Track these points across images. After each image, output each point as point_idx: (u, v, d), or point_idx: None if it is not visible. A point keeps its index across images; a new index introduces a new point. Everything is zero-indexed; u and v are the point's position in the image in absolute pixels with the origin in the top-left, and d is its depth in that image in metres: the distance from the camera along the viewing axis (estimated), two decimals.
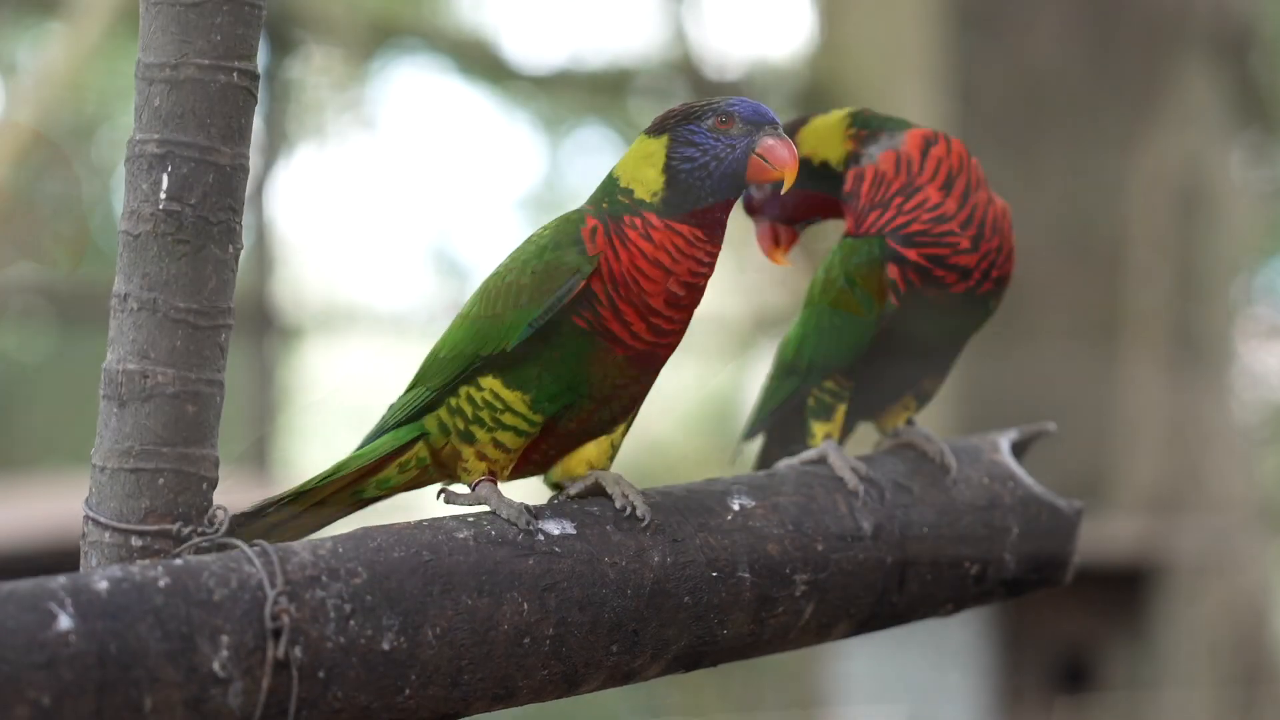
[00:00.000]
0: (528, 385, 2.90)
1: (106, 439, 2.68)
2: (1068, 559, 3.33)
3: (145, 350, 2.66)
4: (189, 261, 2.67)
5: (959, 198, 3.20)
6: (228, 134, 2.69)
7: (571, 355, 2.88)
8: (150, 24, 2.68)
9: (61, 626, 2.36)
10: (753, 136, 2.89)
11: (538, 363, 2.89)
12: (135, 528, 2.65)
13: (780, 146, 2.90)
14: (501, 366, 2.91)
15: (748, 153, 2.89)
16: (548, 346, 2.88)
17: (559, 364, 2.89)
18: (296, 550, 2.62)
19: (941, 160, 3.22)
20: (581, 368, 2.89)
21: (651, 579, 2.86)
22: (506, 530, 2.79)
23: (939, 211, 3.19)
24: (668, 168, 2.89)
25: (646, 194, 2.88)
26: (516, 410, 2.91)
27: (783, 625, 3.01)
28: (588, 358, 2.88)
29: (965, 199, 3.20)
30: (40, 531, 6.24)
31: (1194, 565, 9.31)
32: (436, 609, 2.66)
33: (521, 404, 2.91)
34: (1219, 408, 10.03)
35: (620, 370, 2.90)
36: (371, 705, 2.60)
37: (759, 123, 2.90)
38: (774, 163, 2.89)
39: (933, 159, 3.23)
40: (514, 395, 2.91)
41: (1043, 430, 3.42)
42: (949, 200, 3.19)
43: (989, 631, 8.67)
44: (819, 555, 3.04)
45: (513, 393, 2.91)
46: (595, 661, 2.82)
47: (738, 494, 3.03)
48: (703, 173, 2.88)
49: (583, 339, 2.87)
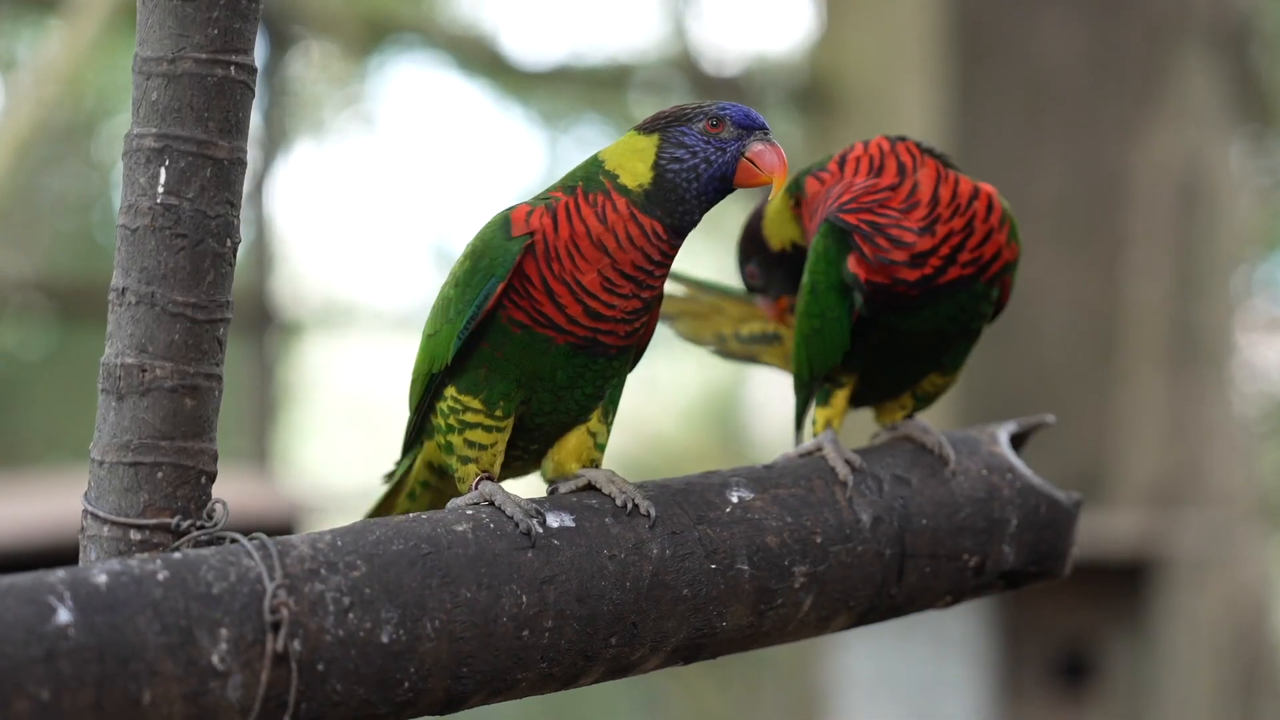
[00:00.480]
0: (478, 388, 2.94)
1: (105, 433, 2.68)
2: (1066, 551, 3.32)
3: (143, 344, 2.66)
4: (187, 255, 2.67)
5: (894, 175, 3.18)
6: (225, 128, 2.69)
7: (514, 353, 2.90)
8: (147, 18, 2.68)
9: (61, 620, 2.36)
10: (743, 141, 2.92)
11: (481, 366, 2.93)
12: (134, 521, 2.66)
13: (769, 152, 2.92)
14: (455, 376, 2.95)
15: (737, 157, 2.91)
16: (490, 348, 2.91)
17: (503, 363, 2.91)
18: (295, 544, 2.62)
19: (860, 158, 3.23)
20: (527, 362, 2.91)
21: (650, 571, 2.86)
22: (505, 523, 2.79)
23: (870, 184, 3.18)
24: (656, 166, 2.91)
25: (632, 183, 2.90)
26: (475, 409, 2.94)
27: (782, 617, 3.01)
28: (531, 352, 2.90)
29: (902, 174, 3.18)
30: (40, 528, 6.24)
31: (1194, 559, 9.31)
32: (435, 602, 2.66)
33: (479, 405, 2.94)
34: (1219, 401, 10.03)
35: (567, 359, 2.91)
36: (371, 698, 2.60)
37: (750, 127, 2.92)
38: (763, 168, 2.92)
39: (851, 160, 3.24)
40: (470, 400, 2.94)
41: (1042, 422, 3.42)
42: (881, 178, 3.19)
43: (989, 625, 8.67)
44: (818, 547, 3.04)
45: (467, 397, 2.94)
46: (594, 654, 2.82)
47: (736, 486, 3.03)
48: (691, 174, 2.90)
49: (523, 333, 2.89)
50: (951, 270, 3.18)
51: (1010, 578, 3.28)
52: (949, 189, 3.18)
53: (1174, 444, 9.78)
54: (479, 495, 2.89)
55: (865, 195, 3.18)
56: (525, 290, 2.87)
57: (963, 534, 3.21)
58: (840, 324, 3.23)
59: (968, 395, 8.29)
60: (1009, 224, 3.23)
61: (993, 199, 3.21)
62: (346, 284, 14.01)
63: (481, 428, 2.94)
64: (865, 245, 3.16)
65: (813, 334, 3.28)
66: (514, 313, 2.88)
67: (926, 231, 3.16)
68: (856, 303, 3.20)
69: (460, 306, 2.91)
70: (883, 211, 3.17)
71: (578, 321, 2.88)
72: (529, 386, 2.93)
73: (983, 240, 3.19)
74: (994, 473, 3.27)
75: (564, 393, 2.95)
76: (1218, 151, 10.15)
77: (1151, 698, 9.05)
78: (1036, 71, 9.92)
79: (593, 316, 2.88)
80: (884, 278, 3.17)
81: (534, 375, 2.92)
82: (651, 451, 13.34)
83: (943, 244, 3.16)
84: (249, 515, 5.90)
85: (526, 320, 2.88)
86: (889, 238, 3.16)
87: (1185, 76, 9.95)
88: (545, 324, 2.88)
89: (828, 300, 3.23)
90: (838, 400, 3.32)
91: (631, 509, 2.89)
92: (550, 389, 2.94)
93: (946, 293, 3.19)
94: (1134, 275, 9.80)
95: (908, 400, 3.40)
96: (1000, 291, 3.28)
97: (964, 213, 3.18)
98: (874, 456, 3.23)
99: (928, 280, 3.17)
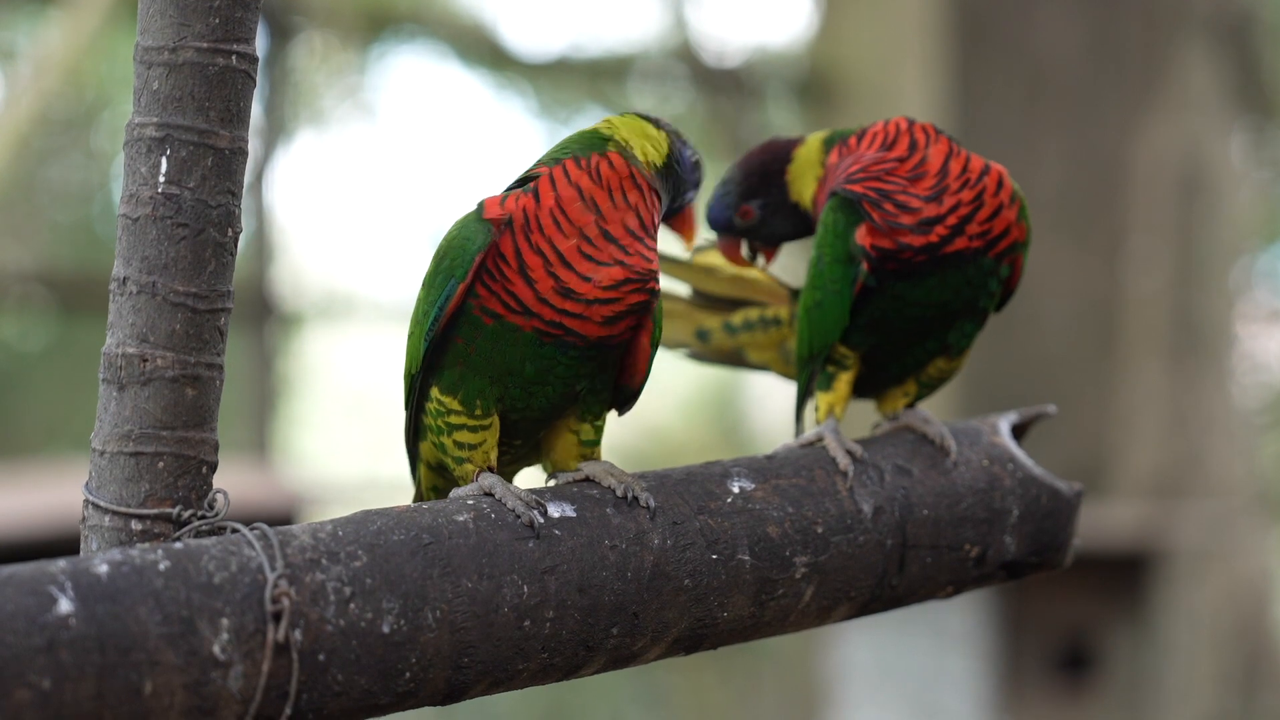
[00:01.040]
0: (455, 388, 2.94)
1: (106, 423, 2.68)
2: (1067, 541, 3.32)
3: (144, 334, 2.66)
4: (188, 245, 2.66)
5: (904, 149, 3.22)
6: (226, 117, 2.68)
7: (486, 346, 2.90)
8: (148, 7, 2.68)
9: (62, 610, 2.36)
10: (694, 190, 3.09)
11: (456, 364, 2.92)
12: (135, 511, 2.65)
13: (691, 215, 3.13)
14: (435, 376, 2.96)
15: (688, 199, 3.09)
16: (464, 343, 2.91)
17: (475, 359, 2.91)
18: (296, 533, 2.62)
19: (876, 134, 3.28)
20: (498, 355, 2.90)
21: (651, 562, 2.86)
22: (506, 513, 2.79)
23: (880, 156, 3.22)
24: (669, 157, 3.00)
25: (643, 158, 2.96)
26: (456, 410, 2.94)
27: (783, 608, 3.01)
28: (501, 344, 2.89)
29: (913, 149, 3.22)
30: (40, 518, 6.24)
31: (1194, 550, 9.31)
32: (437, 592, 2.66)
33: (458, 405, 2.94)
34: (1219, 393, 10.03)
35: (534, 350, 2.89)
36: (372, 688, 2.60)
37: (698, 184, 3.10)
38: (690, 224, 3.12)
39: (868, 135, 3.29)
40: (450, 400, 2.94)
41: (1043, 413, 3.41)
42: (892, 151, 3.23)
43: (990, 616, 8.68)
44: (819, 538, 3.04)
45: (448, 398, 2.94)
46: (595, 644, 2.82)
47: (737, 476, 3.03)
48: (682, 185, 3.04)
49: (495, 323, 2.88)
50: (959, 240, 3.20)
51: (1011, 568, 3.28)
52: (959, 163, 3.22)
53: (1174, 435, 9.79)
54: (479, 487, 2.89)
55: (874, 165, 3.21)
56: (499, 271, 2.86)
57: (964, 524, 3.21)
58: (841, 297, 3.23)
59: (968, 386, 8.28)
60: (1019, 203, 3.26)
61: (1003, 177, 3.25)
62: (347, 274, 14.01)
63: (466, 428, 2.94)
64: (874, 212, 3.18)
65: (814, 306, 3.28)
66: (487, 301, 2.87)
67: (933, 200, 3.19)
68: (860, 273, 3.20)
69: (426, 307, 2.92)
70: (889, 179, 3.20)
71: (547, 301, 2.85)
72: (501, 382, 2.92)
73: (992, 214, 3.22)
74: (995, 463, 3.27)
75: (534, 388, 2.93)
76: (1218, 142, 10.14)
77: (1152, 689, 9.06)
78: (1036, 62, 9.92)
79: (563, 294, 2.86)
80: (890, 243, 3.19)
81: (505, 370, 2.90)
82: (652, 443, 13.34)
83: (950, 214, 3.19)
84: (249, 505, 5.90)
85: (499, 308, 2.86)
86: (895, 203, 3.19)
87: (1186, 67, 9.95)
88: (516, 308, 2.86)
89: (832, 272, 3.23)
90: (840, 385, 3.32)
91: (631, 499, 2.89)
92: (520, 384, 2.92)
93: (954, 263, 3.20)
94: (1134, 266, 9.80)
95: (911, 387, 3.40)
96: (1011, 271, 3.29)
97: (973, 186, 3.21)
98: (875, 447, 3.23)
99: (934, 248, 3.19)
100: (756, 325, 3.58)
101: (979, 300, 3.28)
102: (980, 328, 3.34)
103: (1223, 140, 10.21)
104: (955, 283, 3.23)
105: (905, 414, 3.34)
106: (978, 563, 3.23)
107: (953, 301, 3.25)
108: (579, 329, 2.88)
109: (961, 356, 3.38)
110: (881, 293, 3.23)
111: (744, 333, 3.59)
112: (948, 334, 3.31)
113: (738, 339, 3.60)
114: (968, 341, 3.35)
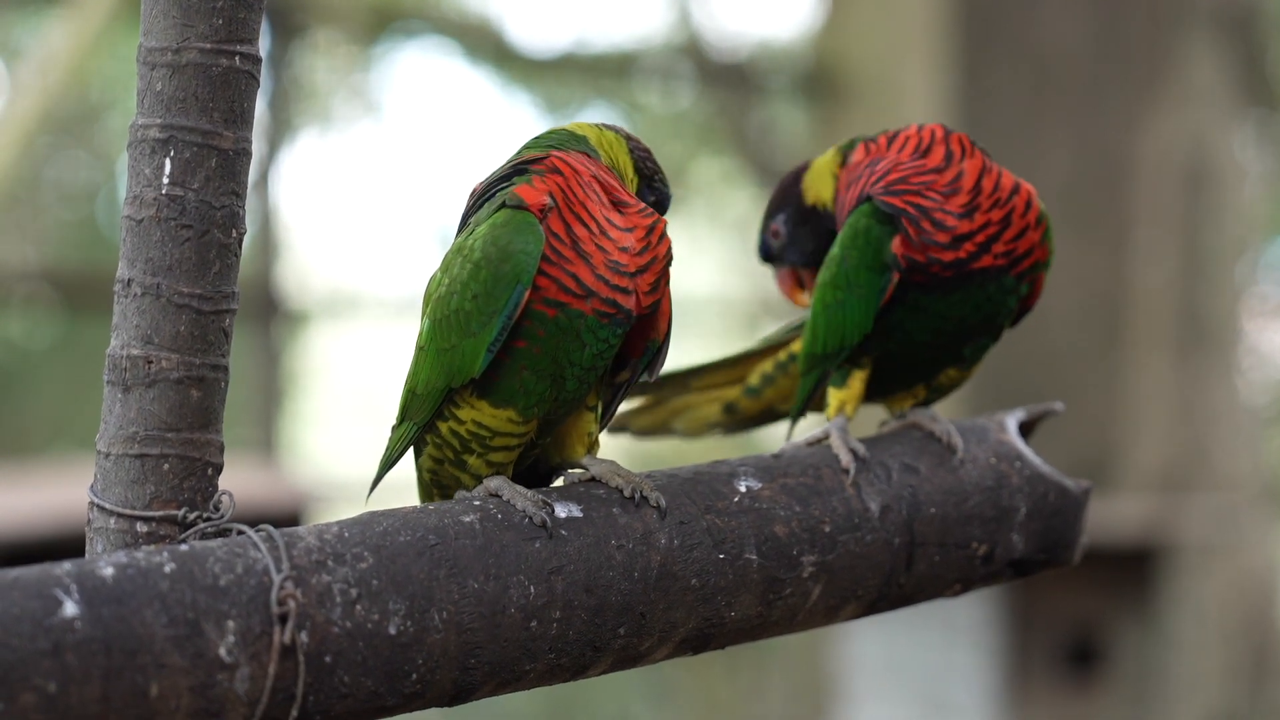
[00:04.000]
0: (514, 397, 2.88)
1: (111, 425, 2.67)
2: (1075, 539, 3.31)
3: (149, 335, 2.65)
4: (192, 246, 2.66)
5: (940, 160, 3.22)
6: (230, 118, 2.68)
7: (550, 342, 2.85)
8: (152, 8, 2.67)
9: (67, 613, 2.35)
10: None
11: (516, 367, 2.86)
12: (140, 513, 2.65)
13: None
14: (481, 388, 2.88)
15: None
16: (528, 344, 2.85)
17: (540, 358, 2.85)
18: (302, 535, 2.61)
19: (909, 138, 3.28)
20: (561, 348, 2.85)
21: (658, 561, 2.85)
22: (513, 514, 2.78)
23: (918, 164, 3.21)
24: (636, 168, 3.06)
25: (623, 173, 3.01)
26: (504, 431, 2.90)
27: (790, 607, 3.00)
28: (566, 334, 2.85)
29: (949, 161, 3.21)
30: (46, 519, 6.24)
31: (1201, 544, 9.30)
32: (443, 593, 2.66)
33: (510, 420, 2.89)
34: (1225, 387, 10.02)
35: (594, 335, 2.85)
36: (379, 689, 2.59)
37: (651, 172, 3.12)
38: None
39: (901, 138, 3.29)
40: (501, 414, 2.88)
41: (1050, 410, 3.41)
42: (928, 160, 3.21)
43: (998, 612, 8.67)
44: (826, 536, 3.03)
45: (500, 411, 2.88)
46: (602, 645, 2.81)
47: (745, 475, 3.02)
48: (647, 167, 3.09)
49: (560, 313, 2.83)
50: (984, 258, 3.20)
51: (1019, 566, 3.27)
52: (991, 181, 3.22)
53: (1181, 429, 9.78)
54: (484, 490, 2.87)
55: (914, 176, 3.20)
56: (555, 254, 2.83)
57: (971, 522, 3.20)
58: (868, 303, 3.22)
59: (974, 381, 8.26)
60: (1045, 225, 3.28)
61: (1032, 197, 3.26)
62: (352, 273, 14.01)
63: (506, 449, 2.91)
64: (911, 228, 3.17)
65: (835, 305, 3.26)
66: (548, 291, 2.83)
67: (965, 217, 3.19)
68: (891, 282, 3.20)
69: (483, 319, 2.83)
70: (929, 194, 3.19)
71: (602, 278, 2.82)
72: (560, 378, 2.87)
73: (1018, 235, 3.23)
74: (1002, 461, 3.26)
75: (588, 375, 2.90)
76: (1223, 136, 10.13)
77: (1159, 683, 9.05)
78: (1042, 56, 9.91)
79: (613, 269, 2.84)
80: (921, 256, 3.18)
81: (567, 362, 2.86)
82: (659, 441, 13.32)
83: (979, 231, 3.19)
84: (255, 505, 5.90)
85: (561, 296, 2.82)
86: (933, 221, 3.18)
87: (1191, 61, 9.93)
88: (579, 291, 2.82)
89: (858, 277, 3.22)
90: (855, 382, 3.31)
91: (640, 499, 2.88)
92: (576, 374, 2.88)
93: (977, 280, 3.21)
94: (1140, 260, 9.79)
95: (921, 391, 3.39)
96: (1030, 290, 3.30)
97: (1003, 205, 3.22)
98: (882, 445, 3.22)
99: (961, 264, 3.19)
100: (775, 374, 3.56)
101: (997, 317, 3.28)
102: (995, 342, 3.34)
103: (1228, 134, 10.19)
104: (976, 298, 3.23)
105: (912, 412, 3.33)
106: (985, 561, 3.22)
107: (971, 316, 3.25)
108: (629, 306, 2.87)
109: (973, 367, 3.38)
110: (902, 302, 3.23)
111: (767, 388, 3.57)
112: (963, 348, 3.31)
113: (763, 397, 3.59)
114: (981, 354, 3.35)
